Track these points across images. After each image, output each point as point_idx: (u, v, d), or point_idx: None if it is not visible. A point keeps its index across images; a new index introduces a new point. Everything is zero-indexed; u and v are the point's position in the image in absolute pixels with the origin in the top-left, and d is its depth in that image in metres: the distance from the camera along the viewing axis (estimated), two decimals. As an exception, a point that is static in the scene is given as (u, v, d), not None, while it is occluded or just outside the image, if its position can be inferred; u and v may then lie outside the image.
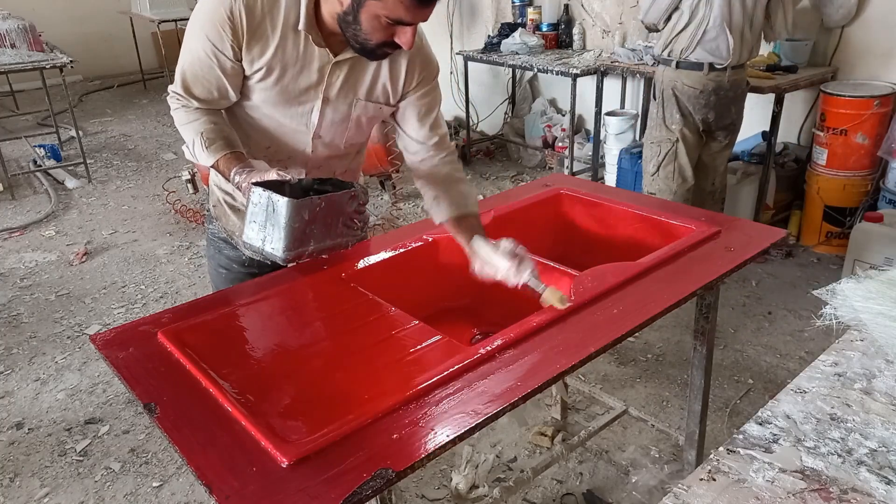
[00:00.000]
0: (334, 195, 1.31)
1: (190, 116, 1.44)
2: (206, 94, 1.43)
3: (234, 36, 1.35)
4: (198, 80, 1.42)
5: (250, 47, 1.37)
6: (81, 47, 7.78)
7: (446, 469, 2.23)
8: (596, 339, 1.26)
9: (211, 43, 1.36)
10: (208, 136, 1.41)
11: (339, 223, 1.33)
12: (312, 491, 0.94)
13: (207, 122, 1.43)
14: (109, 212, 4.63)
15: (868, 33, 3.34)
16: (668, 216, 1.78)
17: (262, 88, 1.43)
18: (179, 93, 1.44)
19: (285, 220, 1.24)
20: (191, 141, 1.44)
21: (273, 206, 1.25)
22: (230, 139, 1.45)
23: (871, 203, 3.28)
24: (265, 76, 1.41)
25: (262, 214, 1.27)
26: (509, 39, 4.59)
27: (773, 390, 2.52)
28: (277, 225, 1.25)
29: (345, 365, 1.35)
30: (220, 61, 1.38)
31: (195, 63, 1.40)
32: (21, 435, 2.53)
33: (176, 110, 1.47)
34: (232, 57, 1.38)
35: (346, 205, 1.33)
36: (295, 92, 1.44)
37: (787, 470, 0.92)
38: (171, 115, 1.47)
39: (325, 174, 1.57)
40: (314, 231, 1.28)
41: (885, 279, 1.32)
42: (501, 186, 4.76)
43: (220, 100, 1.45)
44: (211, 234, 1.73)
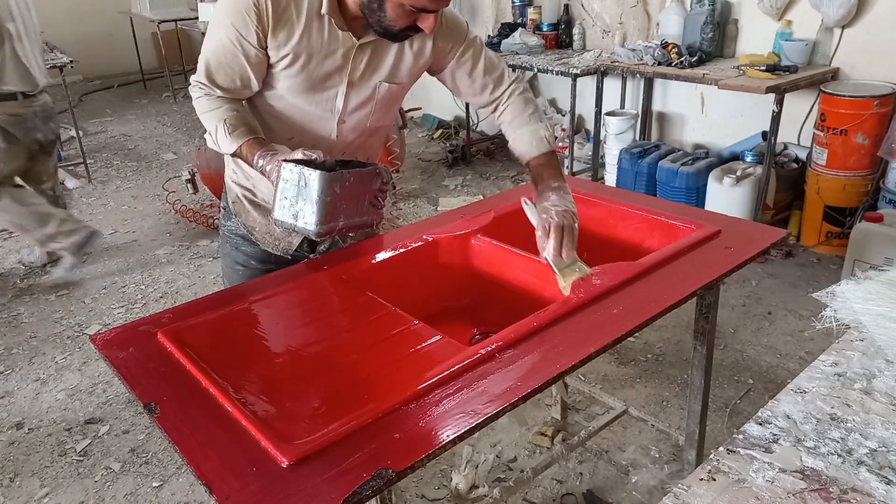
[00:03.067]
0: (363, 171, 1.34)
1: (212, 104, 1.46)
2: (229, 83, 1.45)
3: (259, 23, 1.37)
4: (221, 69, 1.44)
5: (276, 34, 1.39)
6: (81, 47, 7.77)
7: (446, 469, 2.23)
8: (596, 339, 1.26)
9: (236, 30, 1.38)
10: (231, 122, 1.43)
11: (365, 200, 1.36)
12: (312, 491, 0.94)
13: (230, 109, 1.46)
14: (109, 212, 4.63)
15: (868, 33, 3.34)
16: (668, 216, 1.78)
17: (287, 76, 1.45)
18: (202, 81, 1.46)
19: (317, 194, 1.26)
20: (213, 128, 1.45)
21: (305, 180, 1.27)
22: (252, 126, 1.47)
23: (871, 203, 3.28)
24: (291, 62, 1.43)
25: (294, 189, 1.29)
26: (509, 39, 4.59)
27: (773, 390, 2.52)
28: (310, 199, 1.27)
29: (345, 365, 1.35)
30: (245, 49, 1.40)
31: (219, 51, 1.42)
32: (21, 435, 2.53)
33: (198, 99, 1.48)
34: (256, 44, 1.40)
35: (372, 182, 1.36)
36: (320, 77, 1.46)
37: (787, 470, 0.92)
38: (193, 105, 1.50)
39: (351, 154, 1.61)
40: (343, 206, 1.31)
41: (884, 280, 1.32)
42: (501, 186, 4.76)
43: (242, 89, 1.47)
44: (228, 232, 1.74)
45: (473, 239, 1.72)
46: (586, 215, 1.95)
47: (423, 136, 5.79)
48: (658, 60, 3.69)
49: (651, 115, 4.40)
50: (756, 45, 3.70)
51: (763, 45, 3.64)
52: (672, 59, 3.65)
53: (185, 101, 7.27)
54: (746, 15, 3.76)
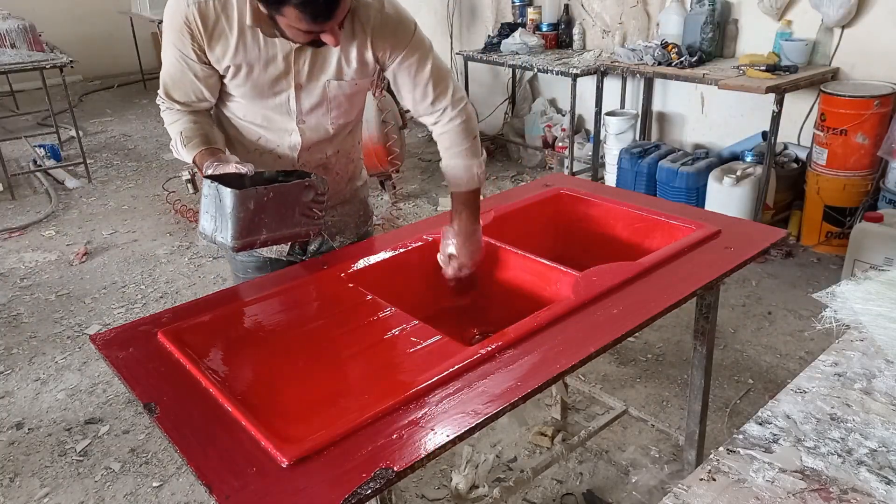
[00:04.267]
0: (283, 185, 1.34)
1: (173, 117, 1.52)
2: (184, 98, 1.51)
3: (193, 40, 1.41)
4: (175, 85, 1.49)
5: (212, 48, 1.42)
6: (81, 47, 7.77)
7: (446, 469, 2.23)
8: (596, 339, 1.26)
9: (178, 49, 1.43)
10: (186, 134, 1.48)
11: (294, 213, 1.36)
12: (312, 491, 0.94)
13: (188, 121, 1.51)
14: (109, 212, 4.63)
15: (868, 33, 3.34)
16: (668, 216, 1.78)
17: (236, 85, 1.49)
18: (162, 97, 1.53)
19: (230, 210, 1.28)
20: (174, 140, 1.51)
21: (220, 196, 1.29)
22: (208, 136, 1.50)
23: (871, 203, 3.28)
24: (235, 74, 1.46)
25: (213, 205, 1.31)
26: (509, 39, 4.59)
27: (773, 390, 2.52)
28: (225, 215, 1.29)
29: (345, 365, 1.35)
30: (189, 66, 1.45)
31: (170, 69, 1.48)
32: (21, 435, 2.53)
33: (163, 112, 1.55)
34: (197, 60, 1.44)
35: (301, 195, 1.36)
36: (267, 84, 1.48)
37: (787, 470, 0.92)
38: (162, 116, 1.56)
39: (317, 158, 1.63)
40: (265, 220, 1.32)
41: (884, 280, 1.32)
42: (501, 186, 4.76)
43: (199, 102, 1.52)
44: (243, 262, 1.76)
45: (473, 239, 1.72)
46: (586, 215, 1.95)
47: (423, 135, 5.79)
48: (658, 60, 3.69)
49: (651, 115, 4.40)
50: (756, 45, 3.70)
51: (763, 45, 3.64)
52: (672, 59, 3.65)
53: (185, 101, 7.27)
54: (746, 15, 3.76)
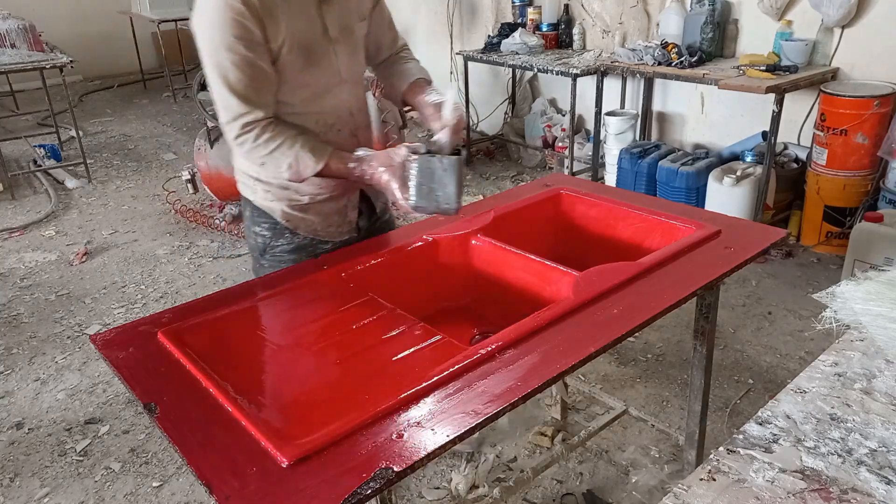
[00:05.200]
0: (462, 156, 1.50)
1: (271, 144, 1.47)
2: (268, 97, 1.48)
3: (256, 19, 1.40)
4: (251, 87, 1.44)
5: (268, 25, 1.43)
6: (81, 47, 7.77)
7: (446, 469, 2.23)
8: (596, 339, 1.26)
9: (240, 44, 1.40)
10: (304, 145, 1.48)
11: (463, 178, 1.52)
12: (312, 491, 0.94)
13: (294, 136, 1.49)
14: (109, 212, 4.63)
15: (868, 33, 3.34)
16: (668, 216, 1.78)
17: (291, 60, 1.49)
18: (243, 116, 1.44)
19: (458, 175, 1.44)
20: (289, 163, 1.48)
21: (443, 166, 1.43)
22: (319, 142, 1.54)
23: (871, 203, 3.28)
24: (290, 45, 1.47)
25: (430, 177, 1.44)
26: (509, 39, 4.59)
27: (773, 390, 2.52)
28: (451, 182, 1.44)
29: (345, 365, 1.35)
30: (258, 54, 1.43)
31: (240, 76, 1.42)
32: (21, 435, 2.53)
33: (252, 148, 1.48)
34: (262, 40, 1.43)
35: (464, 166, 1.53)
36: (312, 45, 1.52)
37: (787, 470, 0.92)
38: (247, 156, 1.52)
39: (364, 121, 1.72)
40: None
41: (884, 280, 1.32)
42: (501, 186, 4.76)
43: (275, 101, 1.50)
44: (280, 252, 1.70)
45: (473, 239, 1.72)
46: (586, 215, 1.95)
47: (423, 136, 5.79)
48: (658, 60, 3.69)
49: (651, 115, 4.40)
50: (756, 45, 3.70)
51: (763, 45, 3.64)
52: (672, 59, 3.65)
53: (185, 101, 7.28)
54: (746, 15, 3.76)
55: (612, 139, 4.18)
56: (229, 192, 4.26)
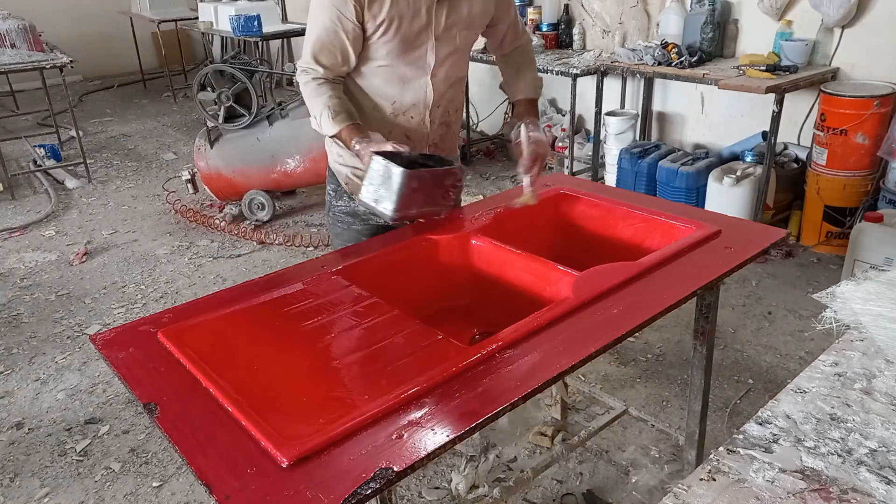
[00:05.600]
0: (438, 170, 1.55)
1: (319, 91, 1.67)
2: (332, 61, 1.66)
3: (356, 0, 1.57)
4: (324, 48, 1.65)
5: (371, 6, 1.59)
6: (81, 47, 7.78)
7: (446, 469, 2.23)
8: (596, 339, 1.26)
9: (337, 10, 1.59)
10: (334, 108, 1.64)
11: (438, 194, 1.57)
12: (312, 491, 0.94)
13: (334, 96, 1.67)
14: (109, 212, 4.63)
15: (868, 33, 3.34)
16: (668, 216, 1.78)
17: (384, 42, 1.64)
18: (308, 64, 1.67)
19: (398, 187, 1.47)
20: (318, 112, 1.66)
21: (389, 173, 1.48)
22: (351, 112, 1.68)
23: (871, 203, 3.28)
24: (387, 29, 1.62)
25: (379, 179, 1.50)
26: (509, 39, 4.58)
27: (773, 390, 2.52)
28: (391, 189, 1.48)
29: (345, 365, 1.35)
30: (345, 26, 1.61)
31: (322, 33, 1.63)
32: (21, 435, 2.53)
33: (305, 84, 1.69)
34: (354, 19, 1.60)
35: (446, 179, 1.58)
36: (411, 37, 1.65)
37: (787, 470, 0.92)
38: (301, 89, 1.71)
39: (442, 116, 1.83)
40: (418, 198, 1.52)
41: (884, 280, 1.32)
42: (501, 186, 4.76)
43: (342, 65, 1.68)
44: (338, 212, 1.91)
45: (473, 239, 1.72)
46: (586, 215, 1.95)
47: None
48: (658, 60, 3.69)
49: (651, 115, 4.40)
50: (756, 45, 3.70)
51: (763, 45, 3.64)
52: (672, 59, 3.65)
53: (185, 101, 7.28)
54: (746, 15, 3.76)
55: (612, 139, 4.18)
56: (229, 192, 4.27)
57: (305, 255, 3.87)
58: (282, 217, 4.40)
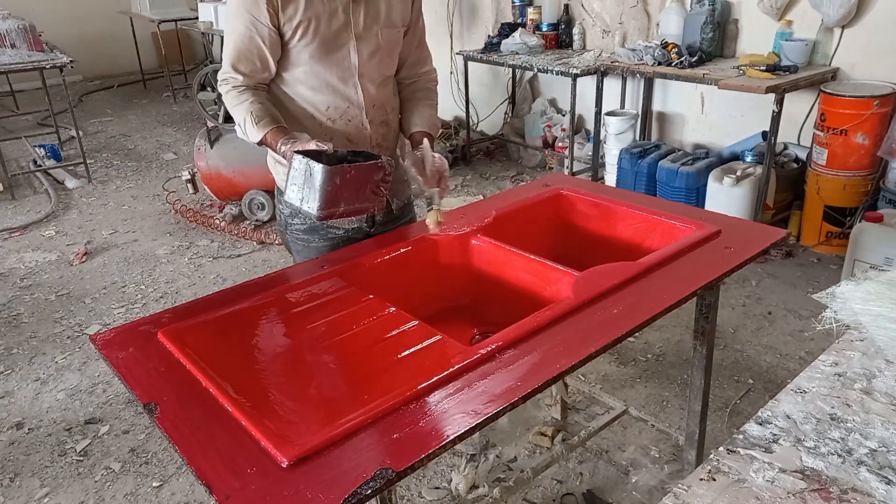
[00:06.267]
0: (363, 165, 1.51)
1: (240, 98, 1.63)
2: (250, 67, 1.63)
3: (268, 2, 1.55)
4: (242, 56, 1.62)
5: (285, 8, 1.56)
6: (81, 47, 7.78)
7: (446, 469, 2.23)
8: (596, 339, 1.26)
9: (251, 15, 1.56)
10: (257, 114, 1.61)
11: (366, 189, 1.53)
12: (312, 491, 0.94)
13: (255, 102, 1.63)
14: (109, 212, 4.63)
15: (868, 33, 3.34)
16: (668, 216, 1.78)
17: (305, 44, 1.62)
18: (228, 73, 1.64)
19: (320, 184, 1.44)
20: (241, 119, 1.63)
21: (310, 171, 1.45)
22: (275, 116, 1.64)
23: (871, 203, 3.28)
24: (304, 31, 1.59)
25: (301, 178, 1.47)
26: (509, 39, 4.59)
27: (773, 390, 2.52)
28: (313, 188, 1.45)
29: (345, 365, 1.35)
30: (259, 30, 1.58)
31: (238, 40, 1.61)
32: (21, 435, 2.53)
33: (227, 93, 1.66)
34: (269, 23, 1.57)
35: (374, 174, 1.53)
36: (332, 37, 1.63)
37: (787, 470, 0.92)
38: (224, 99, 1.67)
39: (381, 116, 1.79)
40: (344, 195, 1.48)
41: (884, 280, 1.32)
42: (501, 186, 4.76)
43: (262, 72, 1.65)
44: (296, 231, 1.83)
45: (473, 239, 1.72)
46: (586, 215, 1.95)
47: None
48: (658, 60, 3.69)
49: (651, 115, 4.40)
50: (756, 45, 3.70)
51: (763, 45, 3.64)
52: (672, 59, 3.65)
53: (185, 101, 7.28)
54: (746, 15, 3.76)
55: (612, 139, 4.18)
56: (229, 192, 4.27)
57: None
58: (282, 217, 4.39)
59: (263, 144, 1.62)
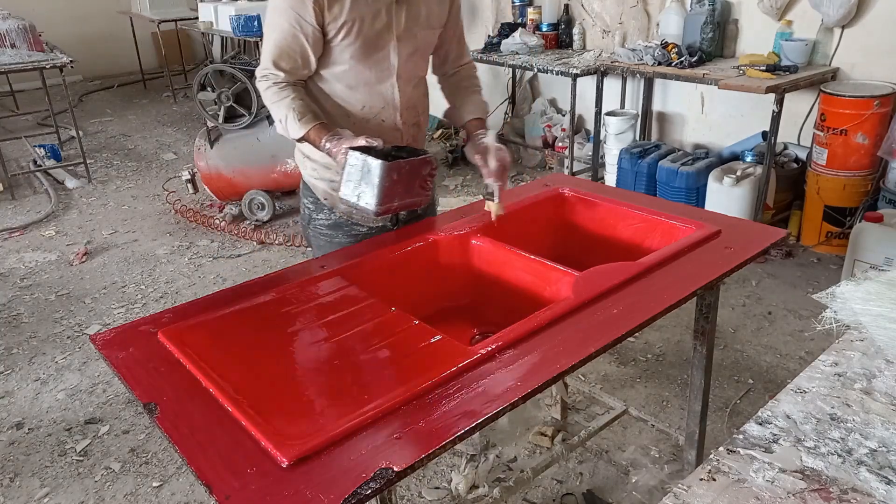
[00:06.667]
0: (415, 160, 1.54)
1: (280, 94, 1.64)
2: (292, 65, 1.64)
3: (315, 2, 1.55)
4: (284, 53, 1.62)
5: (331, 7, 1.57)
6: (81, 47, 7.78)
7: (446, 469, 2.23)
8: (596, 339, 1.26)
9: (296, 13, 1.57)
10: (299, 110, 1.62)
11: (416, 185, 1.56)
12: (312, 491, 0.94)
13: (296, 98, 1.64)
14: (109, 212, 4.63)
15: (868, 33, 3.34)
16: (668, 216, 1.78)
17: (347, 44, 1.62)
18: (268, 70, 1.64)
19: (378, 180, 1.46)
20: (283, 116, 1.63)
21: (368, 167, 1.47)
22: (316, 113, 1.66)
23: (871, 203, 3.28)
24: (348, 31, 1.60)
25: (358, 174, 1.49)
26: (509, 39, 4.59)
27: (773, 390, 2.52)
28: (371, 183, 1.47)
29: (345, 365, 1.35)
30: (304, 28, 1.59)
31: (280, 37, 1.61)
32: (21, 435, 2.53)
33: (267, 89, 1.66)
34: (314, 22, 1.58)
35: (423, 168, 1.56)
36: (373, 37, 1.64)
37: (787, 470, 0.92)
38: (262, 95, 1.68)
39: (413, 117, 1.81)
40: (398, 190, 1.51)
41: (884, 280, 1.32)
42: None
43: (302, 69, 1.66)
44: (320, 226, 1.85)
45: (473, 239, 1.72)
46: (586, 215, 1.95)
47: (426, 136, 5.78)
48: (658, 60, 3.69)
49: (651, 115, 4.40)
50: (756, 45, 3.70)
51: (763, 45, 3.64)
52: (672, 59, 3.65)
53: (185, 101, 7.28)
54: (746, 15, 3.76)
55: (612, 139, 4.17)
56: (229, 192, 4.27)
57: (305, 255, 3.87)
58: (282, 217, 4.40)
59: (305, 141, 1.64)
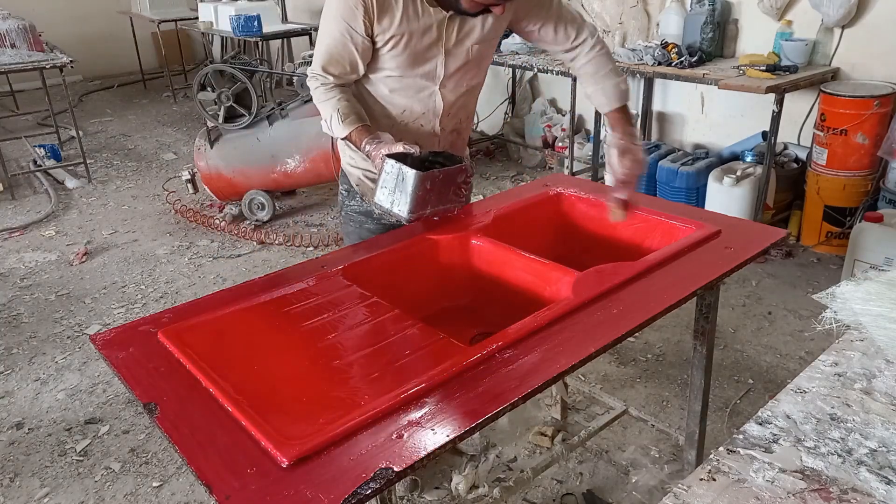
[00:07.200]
0: (450, 169, 1.59)
1: (328, 94, 1.70)
2: (340, 70, 1.70)
3: (366, 14, 1.59)
4: (334, 59, 1.68)
5: (381, 21, 1.61)
6: (81, 47, 7.78)
7: (446, 469, 2.23)
8: (596, 339, 1.26)
9: (347, 24, 1.61)
10: (343, 111, 1.67)
11: (450, 192, 1.61)
12: (312, 491, 0.94)
13: (343, 99, 1.70)
14: (109, 212, 4.63)
15: (868, 33, 3.34)
16: (668, 216, 1.78)
17: (393, 56, 1.67)
18: (318, 72, 1.71)
19: (412, 188, 1.51)
20: (328, 115, 1.69)
21: (403, 175, 1.52)
22: (361, 114, 1.71)
23: (871, 203, 3.28)
24: (396, 44, 1.64)
25: (393, 182, 1.54)
26: (509, 39, 4.58)
27: (773, 390, 2.52)
28: (405, 192, 1.52)
29: (345, 365, 1.35)
30: (354, 38, 1.63)
31: (331, 44, 1.66)
32: (21, 435, 2.53)
33: (315, 89, 1.73)
34: (363, 33, 1.62)
35: (458, 176, 1.61)
36: (421, 51, 1.67)
37: (787, 470, 0.92)
38: (311, 93, 1.75)
39: (453, 123, 1.84)
40: (431, 198, 1.56)
41: (884, 280, 1.32)
42: (501, 186, 4.76)
43: (350, 74, 1.71)
44: (351, 212, 1.94)
45: (473, 239, 1.72)
46: (586, 215, 1.95)
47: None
48: (658, 60, 3.69)
49: (651, 114, 4.40)
50: (756, 45, 3.70)
51: (763, 45, 3.64)
52: (672, 59, 3.65)
53: (185, 101, 7.28)
54: (746, 15, 3.76)
55: (612, 139, 4.17)
56: (229, 192, 4.27)
57: (305, 255, 3.87)
58: (282, 217, 4.40)
59: (348, 140, 1.70)
